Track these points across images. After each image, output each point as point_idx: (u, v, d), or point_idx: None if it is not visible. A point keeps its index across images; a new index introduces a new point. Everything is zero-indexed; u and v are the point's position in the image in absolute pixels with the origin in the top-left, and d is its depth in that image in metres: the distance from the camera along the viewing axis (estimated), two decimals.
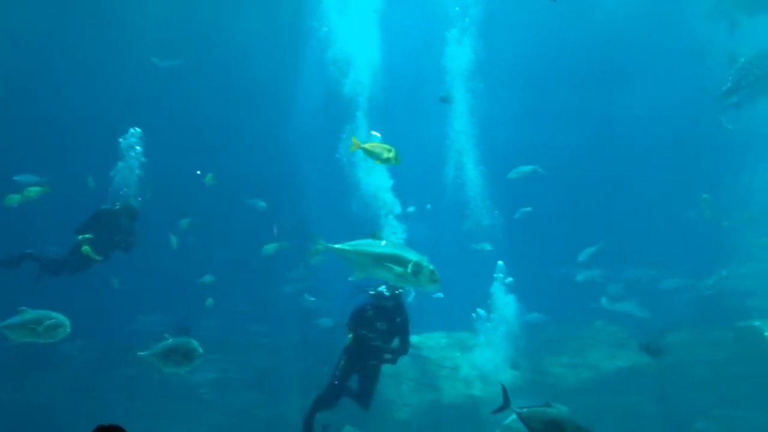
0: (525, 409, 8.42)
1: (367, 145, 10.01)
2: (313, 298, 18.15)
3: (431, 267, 9.17)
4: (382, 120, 15.81)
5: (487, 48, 19.07)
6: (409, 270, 9.09)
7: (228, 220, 19.45)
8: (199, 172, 16.01)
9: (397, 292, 10.38)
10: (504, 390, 8.87)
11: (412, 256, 9.26)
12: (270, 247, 17.05)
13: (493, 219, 19.08)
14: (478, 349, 16.52)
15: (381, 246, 9.50)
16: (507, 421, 13.20)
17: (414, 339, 15.19)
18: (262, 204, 18.78)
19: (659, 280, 18.96)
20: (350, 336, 10.42)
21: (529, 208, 18.88)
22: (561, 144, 22.22)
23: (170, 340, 10.81)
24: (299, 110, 20.95)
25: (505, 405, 8.92)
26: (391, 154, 9.82)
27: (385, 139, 14.86)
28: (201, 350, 10.75)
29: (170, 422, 15.19)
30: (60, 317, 10.17)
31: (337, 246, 9.58)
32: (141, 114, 15.74)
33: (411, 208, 16.86)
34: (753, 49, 17.29)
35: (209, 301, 16.59)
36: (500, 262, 17.15)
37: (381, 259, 9.29)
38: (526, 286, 18.07)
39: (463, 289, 19.31)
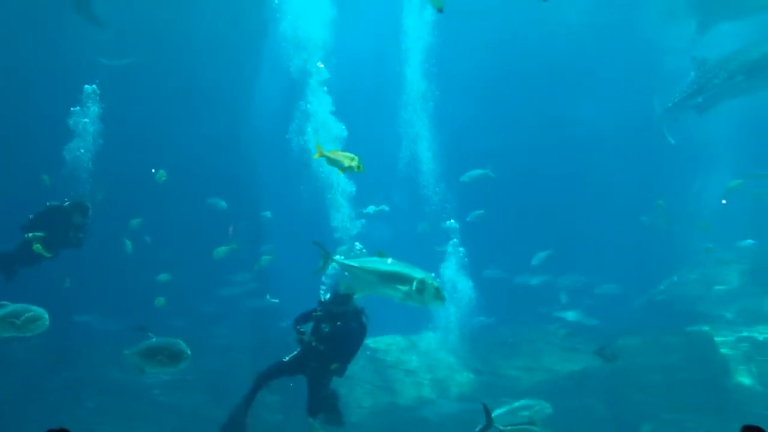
0: (509, 428, 8.61)
1: (329, 153, 9.98)
2: (276, 300, 18.00)
3: (436, 284, 9.18)
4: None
5: (445, 53, 19.20)
6: (414, 287, 9.07)
7: (185, 219, 19.20)
8: (153, 170, 15.76)
9: (345, 300, 10.14)
10: (486, 409, 8.88)
11: (417, 273, 9.24)
12: (221, 250, 16.87)
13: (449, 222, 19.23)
14: (434, 352, 16.57)
15: (387, 264, 9.48)
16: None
17: (370, 342, 15.23)
18: (222, 204, 18.59)
19: (607, 286, 19.27)
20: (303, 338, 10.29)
21: (481, 211, 19.06)
22: (517, 149, 22.47)
23: (155, 340, 10.46)
24: (256, 109, 20.81)
25: (488, 425, 8.93)
26: (354, 163, 9.80)
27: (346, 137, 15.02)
28: (189, 352, 10.37)
29: (122, 424, 14.92)
30: (38, 310, 9.84)
31: (345, 261, 9.65)
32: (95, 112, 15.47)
33: (371, 208, 16.93)
34: (716, 54, 17.64)
35: (160, 300, 16.31)
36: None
37: (387, 277, 9.31)
38: (480, 288, 18.27)
39: None
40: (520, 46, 22.17)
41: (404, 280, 9.16)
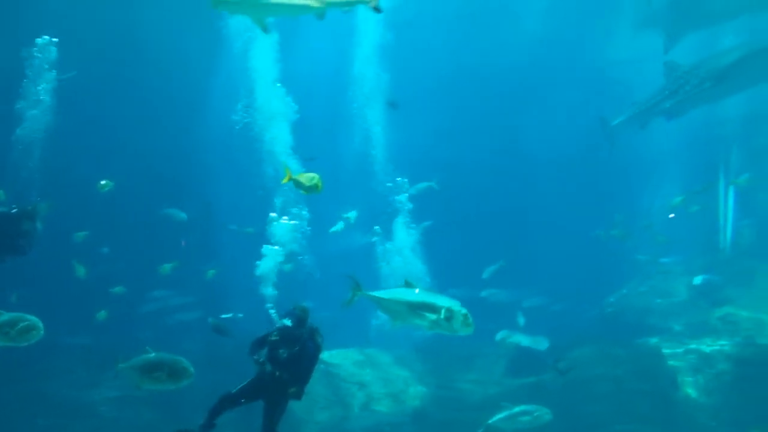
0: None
1: (297, 177, 10.17)
2: (241, 315, 17.79)
3: (464, 311, 9.26)
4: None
5: (399, 67, 19.30)
6: (442, 316, 9.19)
7: (142, 230, 18.94)
8: (103, 182, 15.46)
9: (287, 322, 10.07)
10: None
11: (444, 302, 9.36)
12: (166, 267, 16.67)
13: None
14: (388, 366, 16.60)
15: (414, 294, 9.63)
16: (491, 421, 13.35)
17: (325, 356, 15.15)
18: (182, 215, 18.31)
19: (535, 298, 19.50)
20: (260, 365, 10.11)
21: (429, 222, 19.21)
22: (470, 162, 22.65)
23: (153, 355, 10.09)
24: (209, 118, 20.61)
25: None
26: (314, 182, 10.00)
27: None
28: (192, 370, 10.03)
29: None
30: (33, 319, 9.58)
31: (373, 294, 9.81)
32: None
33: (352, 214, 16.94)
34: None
35: (101, 314, 16.05)
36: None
37: (415, 307, 9.43)
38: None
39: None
40: (474, 61, 22.40)
41: (432, 309, 9.30)
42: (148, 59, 20.07)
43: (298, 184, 10.28)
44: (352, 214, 18.19)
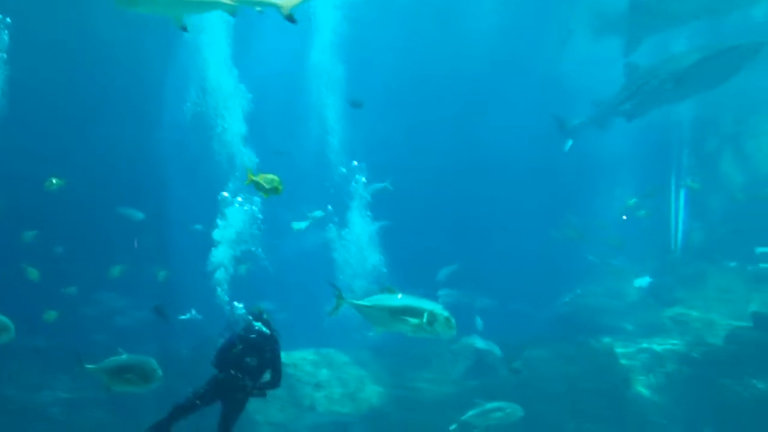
0: None
1: (257, 178, 10.03)
2: (200, 316, 17.56)
3: (446, 314, 9.38)
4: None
5: (356, 69, 19.33)
6: (425, 320, 9.30)
7: (96, 230, 18.58)
8: (54, 180, 15.12)
9: (264, 328, 9.97)
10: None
11: (427, 306, 9.46)
12: (116, 269, 16.40)
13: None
14: (344, 366, 16.57)
15: (396, 299, 9.68)
16: (464, 417, 13.53)
17: (282, 357, 15.01)
18: (139, 215, 17.94)
19: (512, 302, 19.72)
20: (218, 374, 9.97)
21: (387, 222, 19.27)
22: (425, 163, 22.73)
23: (125, 356, 9.91)
24: (165, 119, 20.36)
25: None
26: (274, 185, 9.92)
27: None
28: (161, 372, 9.90)
29: None
30: (2, 319, 9.49)
31: (356, 302, 9.89)
32: None
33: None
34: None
35: (51, 315, 15.73)
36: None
37: (398, 312, 9.52)
38: None
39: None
40: (428, 63, 22.48)
41: (415, 313, 9.39)
42: (100, 53, 19.71)
43: (258, 186, 10.15)
44: (317, 213, 18.18)
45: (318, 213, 18.07)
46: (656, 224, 20.82)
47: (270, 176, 10.06)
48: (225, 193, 15.43)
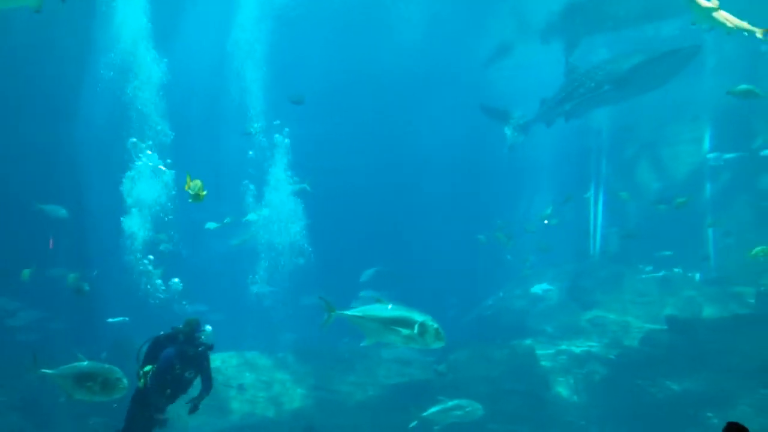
0: None
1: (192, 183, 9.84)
2: (128, 318, 16.98)
3: (435, 325, 9.59)
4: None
5: (282, 71, 19.19)
6: (415, 331, 9.52)
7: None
8: None
9: (201, 338, 9.66)
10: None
11: (418, 317, 9.65)
12: (26, 273, 15.74)
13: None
14: (268, 370, 16.35)
15: (387, 310, 9.86)
16: (425, 414, 13.57)
17: None
18: (62, 211, 17.08)
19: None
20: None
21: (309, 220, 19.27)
22: (352, 165, 22.71)
23: (86, 363, 9.31)
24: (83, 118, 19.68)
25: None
26: (195, 191, 9.76)
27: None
28: (126, 382, 9.28)
29: None
30: None
31: (347, 313, 10.03)
32: None
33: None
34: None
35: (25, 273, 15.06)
36: None
37: (389, 323, 9.69)
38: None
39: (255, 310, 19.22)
40: (353, 65, 22.45)
41: (406, 323, 9.61)
42: (14, 41, 18.90)
43: (191, 188, 9.96)
44: (252, 216, 18.03)
45: (252, 216, 17.95)
46: (575, 229, 21.35)
47: (195, 182, 9.84)
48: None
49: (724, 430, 4.54)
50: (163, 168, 14.95)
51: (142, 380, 9.24)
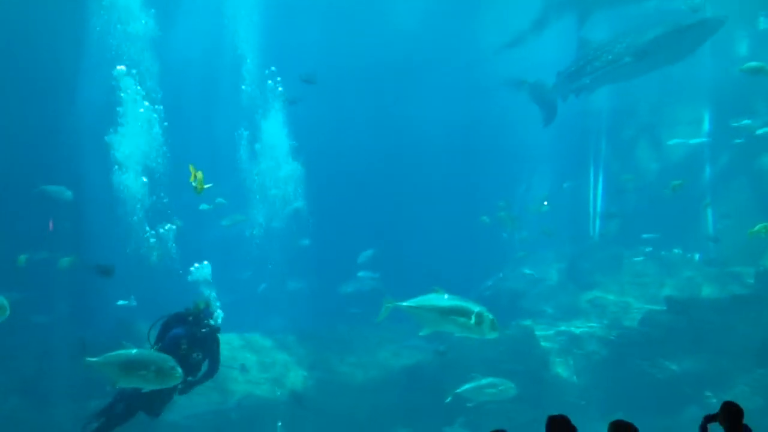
0: None
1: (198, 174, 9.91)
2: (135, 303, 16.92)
3: (491, 316, 9.86)
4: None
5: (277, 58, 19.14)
6: (472, 321, 9.75)
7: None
8: None
9: (210, 320, 9.65)
10: None
11: (474, 307, 9.91)
12: (22, 258, 15.65)
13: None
14: (268, 351, 16.40)
15: (445, 300, 10.07)
16: (459, 390, 13.75)
17: None
18: (68, 193, 16.88)
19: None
20: None
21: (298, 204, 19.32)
22: (352, 150, 22.68)
23: (135, 351, 9.23)
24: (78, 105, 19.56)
25: None
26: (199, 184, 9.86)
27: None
28: (180, 371, 9.16)
29: None
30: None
31: (405, 304, 10.19)
32: None
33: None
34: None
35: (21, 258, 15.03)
36: None
37: (447, 313, 9.91)
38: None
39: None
40: (351, 51, 22.37)
41: (463, 313, 9.86)
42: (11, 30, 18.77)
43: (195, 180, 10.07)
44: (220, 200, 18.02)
45: (221, 200, 17.95)
46: (574, 211, 21.38)
47: (200, 174, 9.93)
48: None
49: (720, 409, 4.60)
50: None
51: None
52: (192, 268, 11.43)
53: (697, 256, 18.64)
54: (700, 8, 16.38)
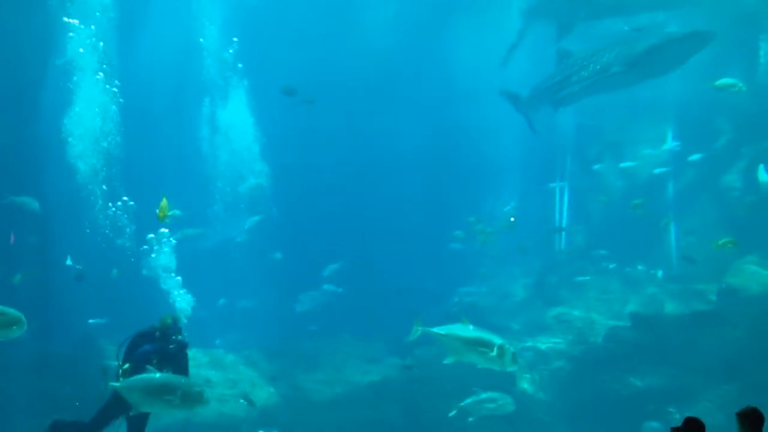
0: None
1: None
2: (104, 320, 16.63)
3: (512, 350, 10.51)
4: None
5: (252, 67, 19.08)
6: (494, 353, 10.30)
7: None
8: None
9: (179, 336, 9.56)
10: None
11: (496, 340, 10.45)
12: None
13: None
14: (234, 367, 16.26)
15: (470, 331, 10.63)
16: (462, 404, 14.10)
17: None
18: (35, 204, 16.49)
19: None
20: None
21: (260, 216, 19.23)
22: (322, 164, 22.63)
23: (158, 375, 9.00)
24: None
25: None
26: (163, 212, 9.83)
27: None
28: (208, 395, 9.17)
29: None
30: (14, 312, 8.62)
31: (433, 330, 10.78)
32: None
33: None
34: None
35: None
36: None
37: (471, 343, 10.46)
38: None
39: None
40: (322, 62, 22.35)
41: (486, 345, 10.40)
42: None
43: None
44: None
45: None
46: (542, 227, 21.53)
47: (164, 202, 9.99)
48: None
49: (683, 425, 4.65)
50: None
51: (121, 379, 9.14)
52: (161, 281, 11.33)
53: (660, 273, 18.88)
54: (644, 29, 16.64)
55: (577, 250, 20.52)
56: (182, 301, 11.31)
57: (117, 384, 9.12)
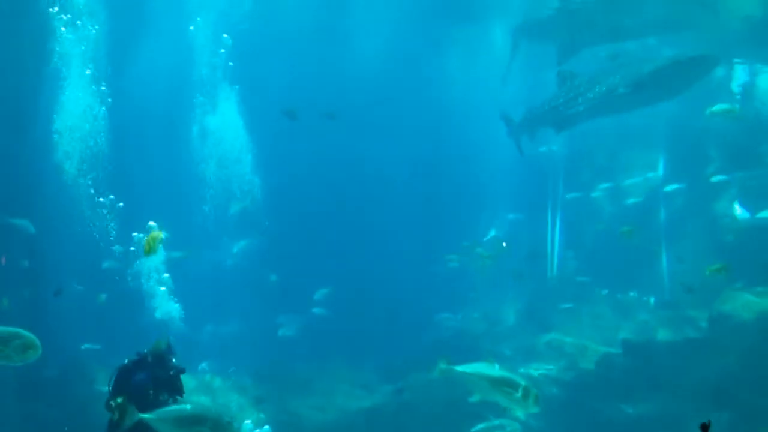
0: None
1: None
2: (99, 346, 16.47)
3: (535, 392, 10.57)
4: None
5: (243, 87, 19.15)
6: (519, 394, 10.32)
7: None
8: None
9: (173, 360, 9.45)
10: None
11: (521, 381, 10.61)
12: None
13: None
14: (223, 392, 16.11)
15: (495, 370, 10.77)
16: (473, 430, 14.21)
17: None
18: (31, 228, 16.38)
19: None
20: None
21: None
22: (312, 184, 22.64)
23: (189, 407, 8.90)
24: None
25: None
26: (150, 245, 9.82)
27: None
28: (236, 426, 9.09)
29: None
30: (29, 336, 8.59)
31: (459, 369, 10.87)
32: None
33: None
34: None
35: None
36: None
37: (495, 383, 10.55)
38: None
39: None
40: (312, 84, 22.43)
41: (511, 385, 10.49)
42: None
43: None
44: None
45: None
46: (533, 251, 21.55)
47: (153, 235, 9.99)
48: None
49: None
50: None
51: (116, 413, 8.93)
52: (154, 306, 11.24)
53: (652, 300, 18.90)
54: (618, 56, 16.68)
55: (569, 276, 20.54)
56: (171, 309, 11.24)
57: (148, 416, 8.93)
